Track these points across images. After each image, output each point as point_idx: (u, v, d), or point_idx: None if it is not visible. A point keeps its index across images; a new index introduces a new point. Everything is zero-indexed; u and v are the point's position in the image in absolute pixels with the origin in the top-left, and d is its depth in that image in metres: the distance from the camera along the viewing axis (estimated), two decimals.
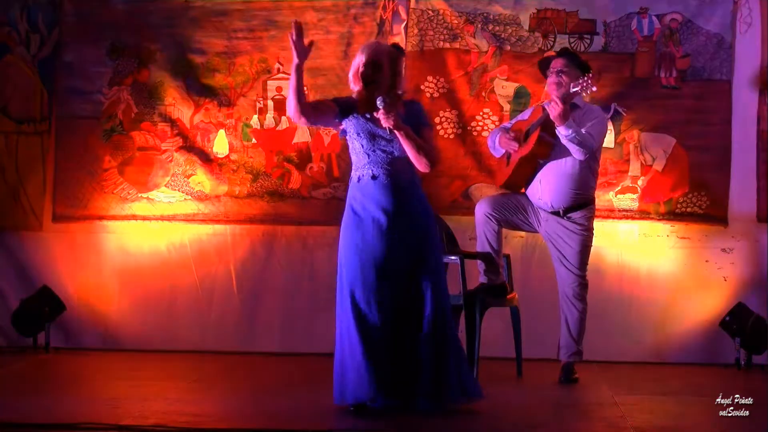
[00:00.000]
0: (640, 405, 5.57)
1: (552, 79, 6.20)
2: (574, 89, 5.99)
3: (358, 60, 5.24)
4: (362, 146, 5.27)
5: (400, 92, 5.28)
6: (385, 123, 5.09)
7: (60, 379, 6.32)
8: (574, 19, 7.20)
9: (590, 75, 6.02)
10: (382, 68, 5.20)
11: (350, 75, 5.30)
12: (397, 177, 5.21)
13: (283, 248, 7.35)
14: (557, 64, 6.22)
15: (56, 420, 4.82)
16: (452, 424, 5.06)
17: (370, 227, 5.18)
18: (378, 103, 5.09)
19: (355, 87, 5.28)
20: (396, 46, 5.41)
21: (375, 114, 5.12)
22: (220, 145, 7.35)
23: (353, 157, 5.33)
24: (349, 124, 5.30)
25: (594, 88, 5.97)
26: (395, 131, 5.11)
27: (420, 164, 5.18)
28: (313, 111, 5.26)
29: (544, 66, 6.38)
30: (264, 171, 7.31)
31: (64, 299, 7.21)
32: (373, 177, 5.23)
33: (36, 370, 6.61)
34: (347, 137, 5.33)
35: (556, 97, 6.02)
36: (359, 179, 5.28)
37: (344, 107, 5.30)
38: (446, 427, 5.05)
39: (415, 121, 5.21)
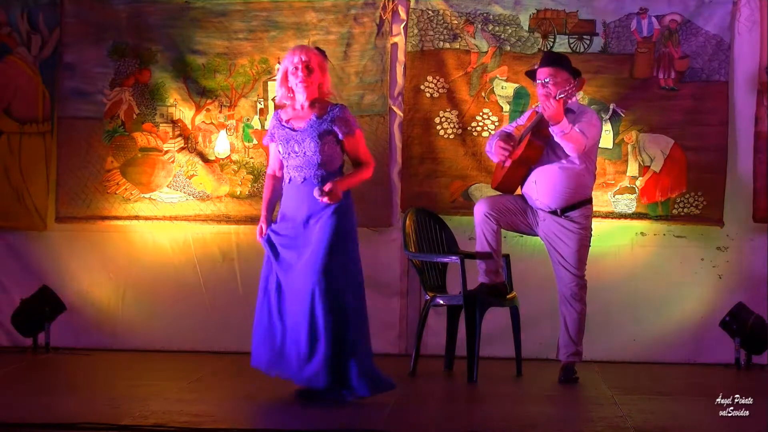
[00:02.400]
0: (640, 405, 5.57)
1: (540, 91, 6.24)
2: (560, 96, 6.03)
3: (287, 63, 5.46)
4: (279, 152, 5.53)
5: (326, 96, 5.52)
6: (333, 202, 5.37)
7: (60, 379, 6.32)
8: (573, 20, 7.20)
9: (575, 83, 6.08)
10: (313, 72, 5.43)
11: (278, 78, 5.51)
12: (315, 180, 5.43)
13: None
14: (542, 74, 6.25)
15: (56, 420, 4.83)
16: (452, 424, 5.07)
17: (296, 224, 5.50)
18: (315, 194, 5.37)
19: (279, 91, 5.50)
20: (319, 49, 5.60)
21: (318, 197, 5.39)
22: (222, 145, 7.36)
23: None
24: (275, 134, 5.58)
25: (579, 95, 6.02)
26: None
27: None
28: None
29: (531, 77, 6.41)
30: (265, 171, 7.30)
31: (66, 299, 7.22)
32: (290, 180, 5.50)
33: (36, 370, 6.62)
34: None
35: (551, 97, 6.05)
36: (286, 182, 5.56)
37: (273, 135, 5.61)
38: (446, 427, 5.06)
39: (338, 128, 5.44)
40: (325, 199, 5.35)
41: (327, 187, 5.35)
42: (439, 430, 5.04)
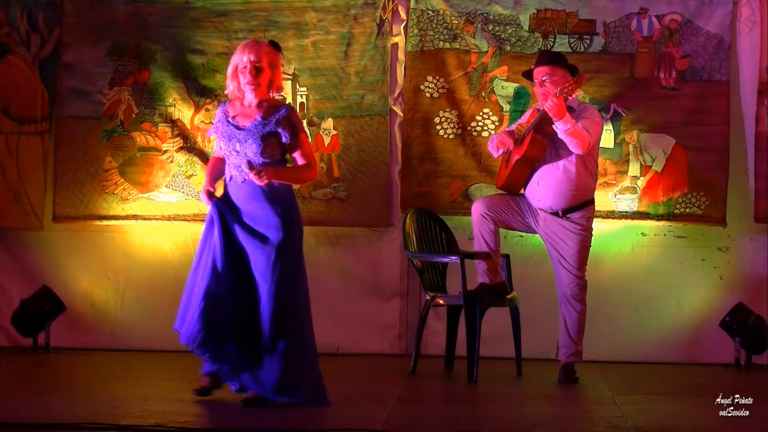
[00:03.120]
0: (640, 405, 5.58)
1: (537, 90, 6.26)
2: (560, 93, 6.02)
3: (237, 60, 5.35)
4: (221, 148, 5.44)
5: (275, 95, 5.45)
6: (260, 183, 5.25)
7: (60, 379, 6.32)
8: (573, 20, 7.20)
9: (573, 79, 6.06)
10: (263, 72, 5.33)
11: (228, 72, 5.39)
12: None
13: None
14: (538, 74, 6.26)
15: (56, 420, 4.83)
16: (452, 424, 5.07)
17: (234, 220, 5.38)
18: (244, 167, 5.28)
19: (231, 85, 5.39)
20: (273, 43, 5.46)
21: (246, 177, 5.29)
22: None
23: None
24: (218, 128, 5.47)
25: (580, 94, 6.01)
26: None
27: (302, 184, 5.50)
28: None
29: (528, 77, 6.41)
30: None
31: (64, 299, 7.21)
32: (231, 178, 5.38)
33: (36, 370, 6.61)
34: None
35: (550, 94, 6.04)
36: (226, 179, 5.44)
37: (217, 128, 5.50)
38: (446, 427, 5.06)
39: (282, 131, 5.33)
40: (252, 176, 5.24)
41: (258, 169, 5.24)
42: (439, 430, 5.04)
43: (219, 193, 5.44)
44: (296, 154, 5.40)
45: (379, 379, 6.40)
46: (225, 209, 5.34)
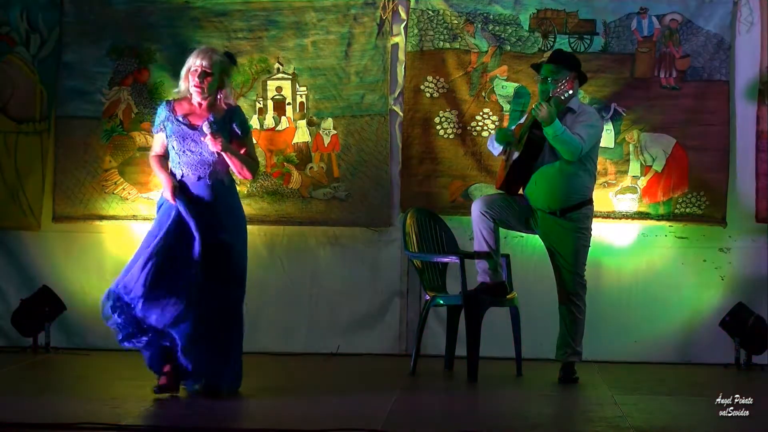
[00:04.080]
0: (640, 405, 5.58)
1: (541, 87, 6.28)
2: (553, 95, 6.04)
3: (191, 63, 5.55)
4: (173, 147, 5.59)
5: (225, 100, 5.62)
6: (212, 148, 5.43)
7: (60, 379, 6.32)
8: (574, 20, 7.20)
9: (566, 79, 6.07)
10: (211, 77, 5.52)
11: (182, 73, 5.59)
12: (208, 179, 5.56)
13: (284, 248, 7.35)
14: (543, 72, 6.26)
15: (56, 420, 4.83)
16: (452, 424, 5.06)
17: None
18: (204, 128, 5.45)
19: (182, 85, 5.59)
20: (229, 54, 5.70)
21: (202, 138, 5.47)
22: None
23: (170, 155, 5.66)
24: (166, 126, 5.61)
25: (570, 92, 6.03)
26: (222, 153, 5.50)
27: (243, 175, 5.66)
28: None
29: (536, 69, 6.42)
30: (264, 171, 7.31)
31: (64, 299, 7.21)
32: (182, 176, 5.57)
33: (36, 370, 6.61)
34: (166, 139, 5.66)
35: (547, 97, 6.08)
36: (176, 177, 5.60)
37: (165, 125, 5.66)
38: (446, 427, 5.06)
39: (236, 128, 5.58)
40: (209, 137, 5.42)
41: (215, 135, 5.44)
42: (439, 430, 5.04)
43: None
44: (245, 151, 5.65)
45: (379, 379, 6.39)
46: (185, 207, 5.51)
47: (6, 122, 7.41)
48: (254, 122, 7.32)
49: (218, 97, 5.58)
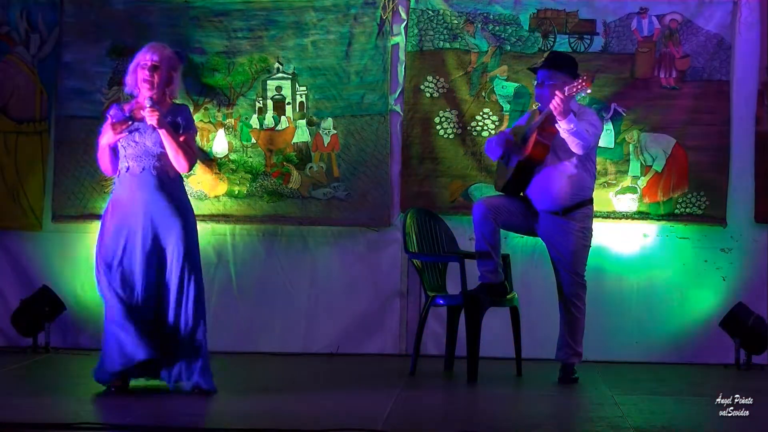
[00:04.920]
0: (640, 405, 5.58)
1: (537, 91, 6.25)
2: (569, 92, 5.97)
3: (140, 58, 5.65)
4: (119, 141, 5.68)
5: (172, 95, 5.73)
6: (149, 120, 5.55)
7: (60, 379, 6.31)
8: (574, 20, 7.20)
9: (585, 77, 6.00)
10: (159, 72, 5.61)
11: (129, 68, 5.69)
12: (153, 170, 5.63)
13: (283, 248, 7.35)
14: (540, 75, 6.24)
15: (56, 420, 4.82)
16: (452, 424, 5.06)
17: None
18: (146, 101, 5.56)
19: (130, 79, 5.68)
20: (178, 52, 5.81)
21: (141, 112, 5.56)
22: (220, 144, 7.35)
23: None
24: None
25: (588, 90, 5.98)
26: (157, 129, 5.56)
27: (178, 163, 5.63)
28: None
29: (534, 72, 6.40)
30: (263, 171, 7.31)
31: (64, 299, 7.21)
32: (128, 169, 5.66)
33: (36, 370, 6.61)
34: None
35: (559, 92, 6.00)
36: (122, 170, 5.69)
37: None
38: (446, 427, 5.06)
39: (181, 122, 5.67)
40: (148, 110, 5.50)
41: (156, 110, 5.52)
42: (439, 430, 5.04)
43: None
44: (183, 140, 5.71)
45: (379, 379, 6.39)
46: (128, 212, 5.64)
47: (6, 122, 7.41)
48: (254, 122, 7.33)
49: (165, 92, 5.66)
